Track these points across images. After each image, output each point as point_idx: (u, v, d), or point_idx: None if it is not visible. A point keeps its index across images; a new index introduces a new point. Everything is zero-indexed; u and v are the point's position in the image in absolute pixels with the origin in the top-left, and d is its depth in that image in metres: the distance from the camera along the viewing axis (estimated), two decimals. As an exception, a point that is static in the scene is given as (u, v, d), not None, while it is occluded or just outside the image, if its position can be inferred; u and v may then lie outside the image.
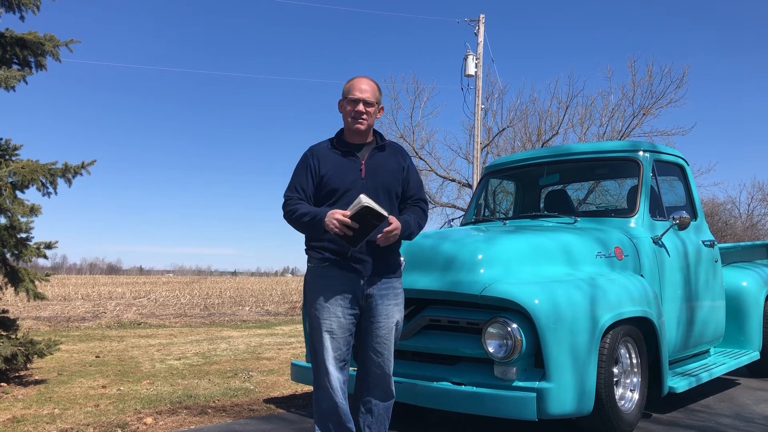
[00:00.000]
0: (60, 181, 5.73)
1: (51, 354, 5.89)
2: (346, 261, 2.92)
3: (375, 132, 3.13)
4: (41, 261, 5.88)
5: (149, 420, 4.35)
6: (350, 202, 2.84)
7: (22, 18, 5.94)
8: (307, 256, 3.06)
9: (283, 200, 3.05)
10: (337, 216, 2.78)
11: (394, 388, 3.09)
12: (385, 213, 2.78)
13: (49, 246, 5.86)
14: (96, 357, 7.61)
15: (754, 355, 5.52)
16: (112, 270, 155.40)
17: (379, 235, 2.84)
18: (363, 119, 2.99)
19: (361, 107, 2.98)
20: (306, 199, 3.01)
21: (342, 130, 3.12)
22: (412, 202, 3.15)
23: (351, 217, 2.76)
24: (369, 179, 2.99)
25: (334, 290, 2.92)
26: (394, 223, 2.86)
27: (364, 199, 2.74)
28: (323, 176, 2.99)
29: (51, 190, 5.70)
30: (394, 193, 3.06)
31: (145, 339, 9.80)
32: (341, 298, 2.92)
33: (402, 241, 3.07)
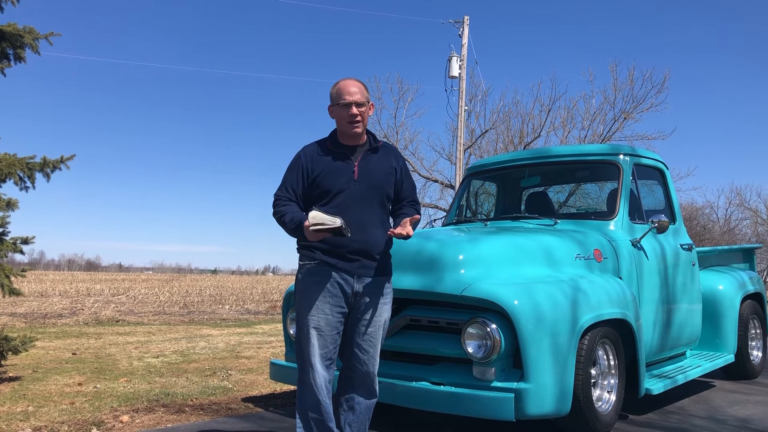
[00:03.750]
0: (38, 176, 5.65)
1: (26, 351, 5.80)
2: (337, 259, 2.93)
3: (368, 133, 3.12)
4: (18, 256, 5.79)
5: (125, 418, 4.31)
6: (342, 203, 2.92)
7: (0, 9, 5.85)
8: (299, 254, 3.06)
9: (273, 199, 3.05)
10: (308, 232, 2.80)
11: (377, 388, 3.10)
12: (335, 223, 2.75)
13: (25, 241, 5.78)
14: (73, 354, 7.52)
15: (729, 358, 5.59)
16: (91, 266, 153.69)
17: (392, 231, 2.91)
18: (358, 122, 2.99)
19: (354, 110, 2.97)
20: (296, 200, 3.01)
21: (335, 131, 3.11)
22: (407, 204, 3.17)
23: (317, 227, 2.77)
24: (361, 181, 2.99)
25: (323, 288, 2.93)
26: (408, 228, 2.91)
27: (312, 219, 2.74)
28: (316, 177, 2.99)
29: (29, 184, 5.61)
30: (385, 196, 3.07)
31: (123, 336, 9.70)
32: (330, 295, 2.93)
33: (393, 240, 3.12)
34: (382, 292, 3.05)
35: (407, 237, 2.93)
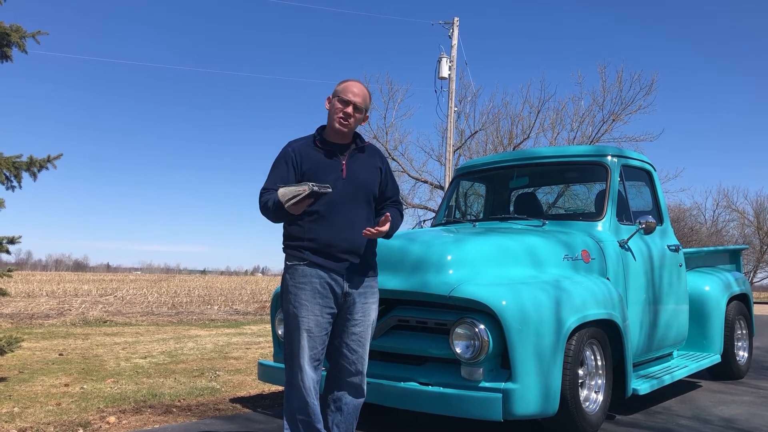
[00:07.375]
0: (25, 175, 5.60)
1: (12, 351, 5.76)
2: (326, 259, 2.93)
3: (355, 133, 3.14)
4: (4, 256, 5.75)
5: (112, 419, 4.28)
6: (330, 201, 2.90)
7: (-13, 7, 5.80)
8: (285, 255, 3.05)
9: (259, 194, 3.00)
10: (290, 208, 2.75)
11: (365, 388, 3.10)
12: (305, 190, 2.71)
13: (12, 241, 5.73)
14: (59, 355, 7.47)
15: (715, 359, 5.64)
16: (79, 267, 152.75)
17: (367, 230, 2.88)
18: (348, 122, 3.00)
19: (350, 110, 2.99)
20: None
21: (323, 129, 3.12)
22: (390, 203, 3.19)
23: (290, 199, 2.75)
24: (350, 179, 3.01)
25: (313, 289, 2.92)
26: (385, 227, 2.90)
27: (282, 197, 2.73)
28: (304, 173, 2.99)
29: (15, 183, 5.56)
30: (372, 195, 3.10)
31: (111, 337, 9.64)
32: (320, 296, 2.93)
33: (378, 239, 3.11)
34: (370, 291, 3.07)
35: (379, 235, 2.90)
